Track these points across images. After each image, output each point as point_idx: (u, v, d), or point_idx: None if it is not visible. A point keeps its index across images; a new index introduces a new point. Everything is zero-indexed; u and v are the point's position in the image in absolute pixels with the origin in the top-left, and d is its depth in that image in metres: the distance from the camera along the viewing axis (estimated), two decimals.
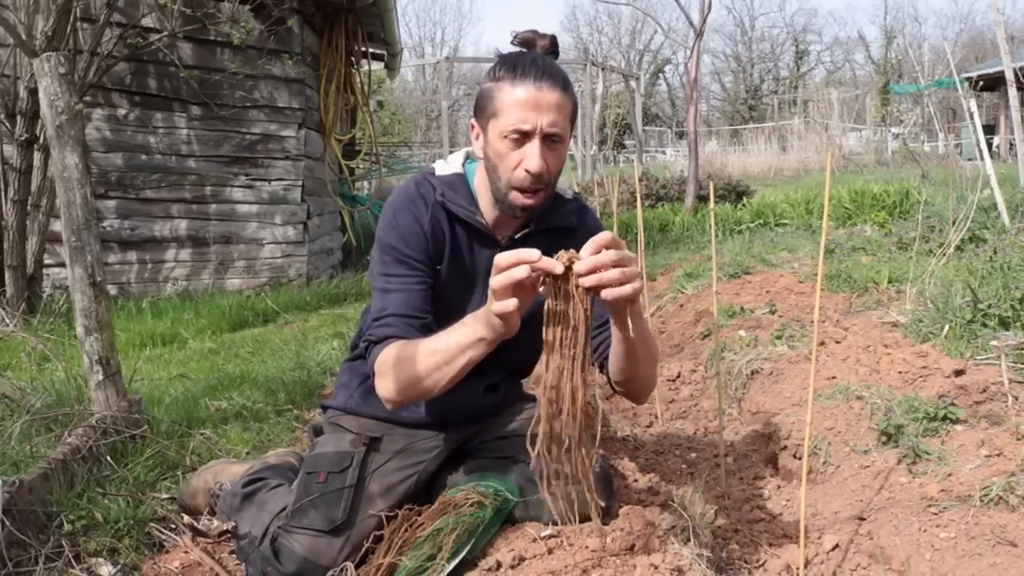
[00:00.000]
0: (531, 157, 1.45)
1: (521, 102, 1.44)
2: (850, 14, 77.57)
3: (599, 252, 1.21)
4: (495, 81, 1.49)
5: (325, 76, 6.91)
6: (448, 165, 1.65)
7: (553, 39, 1.58)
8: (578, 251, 1.29)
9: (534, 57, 1.50)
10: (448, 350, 1.38)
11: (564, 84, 1.48)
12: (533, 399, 1.92)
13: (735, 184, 9.69)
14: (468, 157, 1.65)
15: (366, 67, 8.56)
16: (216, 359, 3.71)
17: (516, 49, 1.55)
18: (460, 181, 1.62)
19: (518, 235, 1.62)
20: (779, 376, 2.62)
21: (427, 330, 1.50)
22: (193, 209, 5.87)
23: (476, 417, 1.73)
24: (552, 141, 1.47)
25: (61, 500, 1.75)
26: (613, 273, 1.19)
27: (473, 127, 1.57)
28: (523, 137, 1.45)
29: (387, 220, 1.59)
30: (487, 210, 1.60)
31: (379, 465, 1.62)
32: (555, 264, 1.19)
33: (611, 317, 1.37)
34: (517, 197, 1.49)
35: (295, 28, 5.95)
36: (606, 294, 1.20)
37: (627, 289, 1.20)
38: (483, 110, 1.51)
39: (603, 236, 1.23)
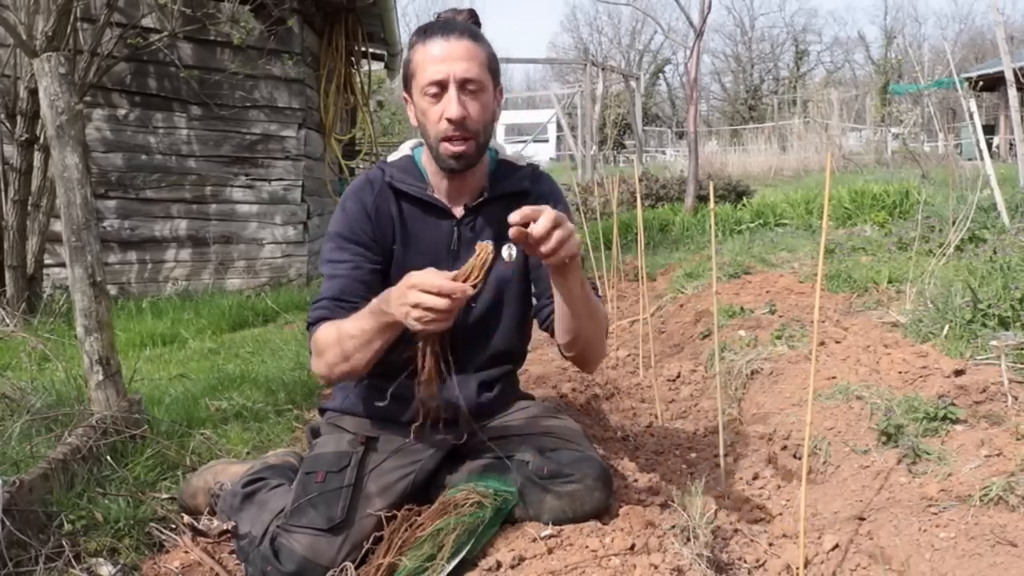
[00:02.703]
0: (449, 105, 1.51)
1: (432, 57, 1.52)
2: (850, 14, 77.70)
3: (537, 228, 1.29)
4: (411, 49, 1.57)
5: (325, 76, 6.91)
6: (398, 152, 1.73)
7: (471, 11, 1.65)
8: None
9: (444, 20, 1.58)
10: (364, 334, 1.44)
11: (473, 35, 1.55)
12: (532, 398, 1.92)
13: (735, 184, 9.68)
14: (419, 144, 1.72)
15: (366, 67, 8.56)
16: (216, 359, 3.71)
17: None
18: (409, 162, 1.69)
19: (473, 204, 1.67)
20: (779, 376, 2.62)
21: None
22: (193, 209, 5.87)
23: (474, 416, 1.74)
24: (470, 90, 1.52)
25: (61, 500, 1.75)
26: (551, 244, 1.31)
27: (407, 100, 1.63)
28: (439, 88, 1.51)
29: (337, 209, 1.67)
30: (437, 184, 1.66)
31: (376, 464, 1.63)
32: (465, 290, 1.28)
33: (551, 274, 1.45)
34: (446, 147, 1.54)
35: (295, 28, 5.95)
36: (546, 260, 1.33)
37: (569, 247, 1.33)
38: (406, 78, 1.60)
39: (533, 214, 1.30)
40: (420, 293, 1.28)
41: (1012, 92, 5.49)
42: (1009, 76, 5.30)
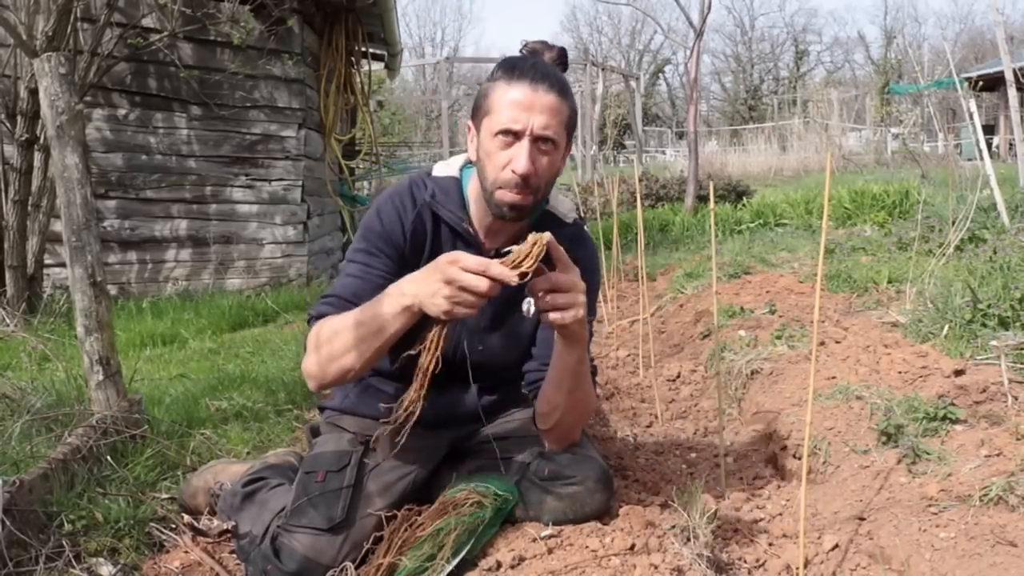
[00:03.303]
0: (519, 158, 1.43)
1: (514, 102, 1.44)
2: (850, 14, 77.73)
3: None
4: (492, 81, 1.49)
5: (325, 76, 6.91)
6: (447, 167, 1.65)
7: (562, 51, 1.57)
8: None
9: (535, 61, 1.49)
10: (375, 320, 1.38)
11: (562, 89, 1.47)
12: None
13: (735, 184, 9.69)
14: (468, 162, 1.64)
15: (366, 67, 8.56)
16: (216, 359, 3.71)
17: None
18: (454, 185, 1.61)
19: (505, 248, 1.57)
20: (779, 376, 2.62)
21: None
22: (193, 209, 5.87)
23: (475, 417, 1.74)
24: (543, 144, 1.45)
25: (61, 500, 1.75)
26: (559, 299, 1.32)
27: (469, 128, 1.56)
28: (513, 137, 1.44)
29: (373, 210, 1.61)
30: (478, 216, 1.59)
31: (376, 464, 1.62)
32: (512, 277, 1.25)
33: (556, 336, 1.43)
34: (503, 195, 1.47)
35: (295, 28, 5.95)
36: (547, 317, 1.33)
37: (563, 316, 1.33)
38: (478, 109, 1.51)
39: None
40: (460, 270, 1.25)
41: (1012, 92, 5.49)
42: (1009, 76, 5.30)
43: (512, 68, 1.47)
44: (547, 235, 1.28)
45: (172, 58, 5.53)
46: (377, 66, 9.25)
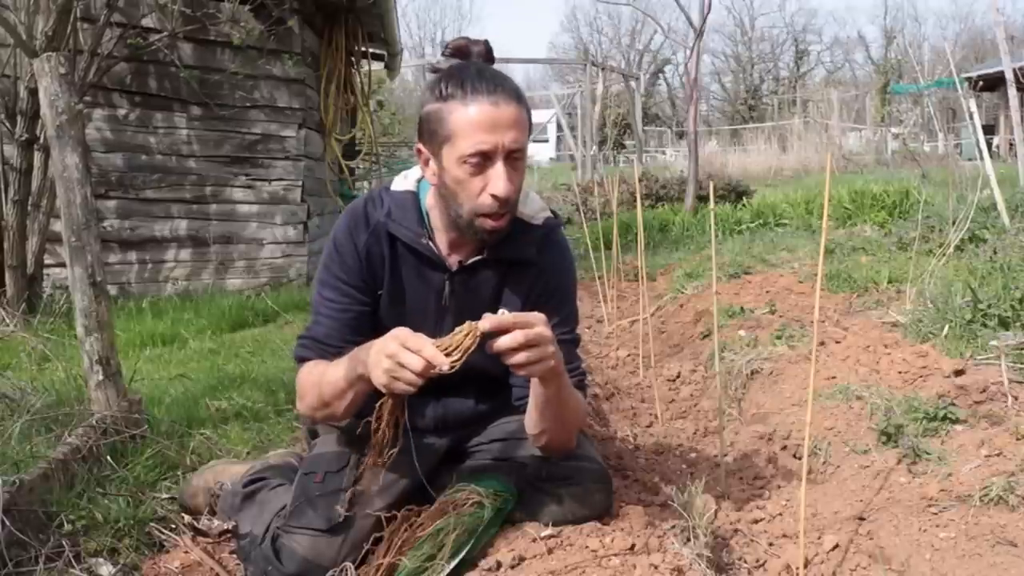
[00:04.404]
0: (498, 181, 1.38)
1: (478, 123, 1.35)
2: (850, 14, 77.90)
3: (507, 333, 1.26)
4: (443, 101, 1.39)
5: (325, 76, 6.91)
6: (404, 181, 1.59)
7: (487, 44, 1.50)
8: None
9: (479, 69, 1.42)
10: (337, 383, 1.43)
11: (517, 95, 1.41)
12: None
13: (735, 184, 9.68)
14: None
15: (366, 67, 8.56)
16: (216, 359, 3.71)
17: (451, 61, 1.47)
18: (411, 200, 1.55)
19: (469, 261, 1.56)
20: (779, 376, 2.62)
21: None
22: (193, 209, 5.87)
23: (473, 420, 1.74)
24: (514, 158, 1.40)
25: (61, 500, 1.75)
26: (520, 358, 1.28)
27: (420, 152, 1.47)
28: (485, 160, 1.37)
29: (330, 239, 1.57)
30: (440, 232, 1.54)
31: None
32: (443, 363, 1.23)
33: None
34: (485, 222, 1.43)
35: (295, 28, 5.95)
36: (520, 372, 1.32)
37: (533, 370, 1.32)
38: (433, 134, 1.42)
39: (506, 322, 1.27)
40: (400, 347, 1.25)
41: (1012, 92, 5.49)
42: (1009, 76, 5.30)
43: (462, 83, 1.38)
44: (482, 324, 1.25)
45: (172, 58, 5.52)
46: (377, 66, 9.25)
